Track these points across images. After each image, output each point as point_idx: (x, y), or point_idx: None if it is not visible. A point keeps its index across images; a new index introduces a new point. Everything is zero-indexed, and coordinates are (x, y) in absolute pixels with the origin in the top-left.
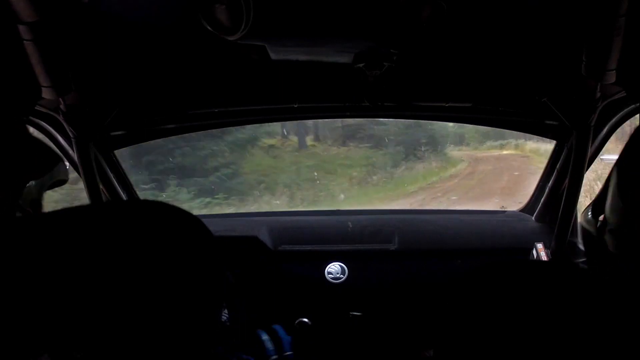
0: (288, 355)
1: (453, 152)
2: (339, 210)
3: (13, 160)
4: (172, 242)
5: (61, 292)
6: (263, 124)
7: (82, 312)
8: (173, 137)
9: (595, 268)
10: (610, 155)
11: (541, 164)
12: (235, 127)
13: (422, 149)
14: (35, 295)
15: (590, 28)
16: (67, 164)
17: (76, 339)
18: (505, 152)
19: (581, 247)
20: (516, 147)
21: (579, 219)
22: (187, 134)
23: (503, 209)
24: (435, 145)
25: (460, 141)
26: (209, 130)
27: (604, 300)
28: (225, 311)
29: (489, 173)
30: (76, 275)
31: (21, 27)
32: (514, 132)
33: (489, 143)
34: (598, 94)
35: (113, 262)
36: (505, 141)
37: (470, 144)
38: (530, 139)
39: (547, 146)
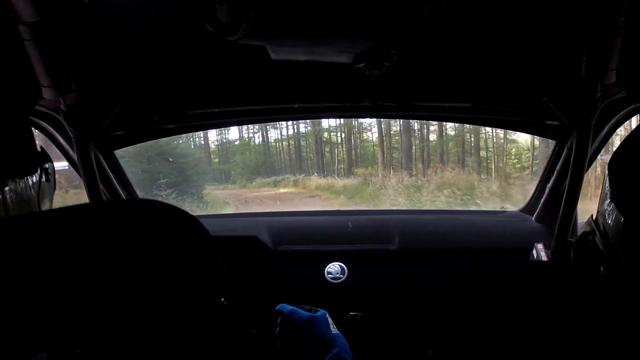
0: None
1: (215, 191)
2: (339, 211)
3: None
4: (169, 240)
5: (60, 290)
6: None
7: (80, 309)
8: None
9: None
10: (609, 155)
11: (342, 205)
12: None
13: (163, 192)
14: (34, 293)
15: (590, 28)
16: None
17: (74, 336)
18: (283, 190)
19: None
20: (295, 183)
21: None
22: None
23: (503, 209)
24: (184, 185)
25: (225, 179)
26: None
27: (604, 300)
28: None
29: None
30: (75, 273)
31: (21, 27)
32: (285, 165)
33: (259, 180)
34: (598, 94)
35: (111, 260)
36: (281, 177)
37: (236, 182)
38: (313, 174)
39: (345, 181)
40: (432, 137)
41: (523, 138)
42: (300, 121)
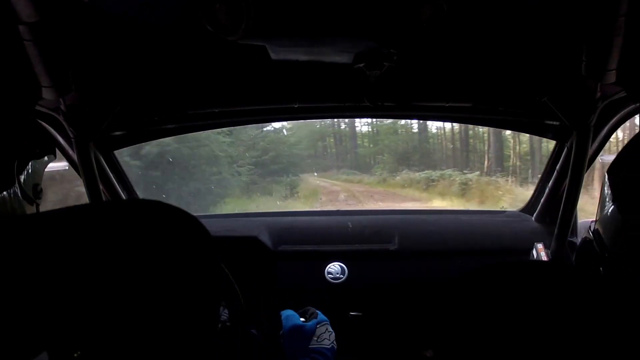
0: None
1: (337, 186)
2: (339, 211)
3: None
4: (170, 241)
5: (60, 291)
6: None
7: (80, 310)
8: None
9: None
10: (610, 155)
11: None
12: None
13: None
14: (35, 294)
15: (590, 28)
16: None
17: (75, 337)
18: (439, 201)
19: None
20: (465, 188)
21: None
22: None
23: (503, 209)
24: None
25: (364, 166)
26: None
27: (604, 301)
28: (226, 311)
29: None
30: (75, 274)
31: (21, 27)
32: (447, 156)
33: (406, 174)
34: (598, 94)
35: (111, 261)
36: (438, 173)
37: (377, 173)
38: (469, 171)
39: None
40: None
41: None
42: None
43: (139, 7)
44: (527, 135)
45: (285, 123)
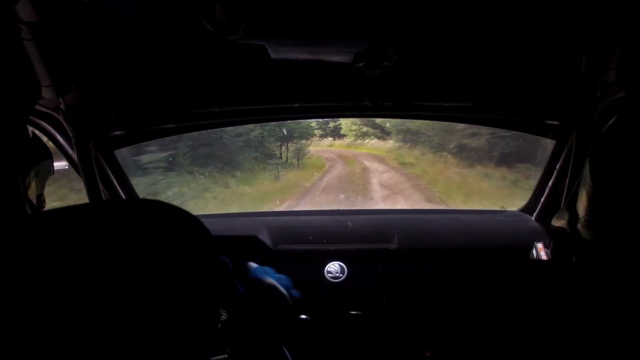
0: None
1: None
2: (338, 210)
3: (14, 156)
4: (170, 241)
5: (60, 292)
6: None
7: (81, 311)
8: None
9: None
10: None
11: None
12: None
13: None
14: (34, 295)
15: (590, 28)
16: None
17: (75, 338)
18: None
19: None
20: None
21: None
22: None
23: (503, 209)
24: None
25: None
26: None
27: (604, 300)
28: (224, 311)
29: None
30: (75, 274)
31: (21, 27)
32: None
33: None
34: (598, 94)
35: (111, 261)
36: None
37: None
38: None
39: None
40: None
41: None
42: None
43: (139, 7)
44: None
45: None
